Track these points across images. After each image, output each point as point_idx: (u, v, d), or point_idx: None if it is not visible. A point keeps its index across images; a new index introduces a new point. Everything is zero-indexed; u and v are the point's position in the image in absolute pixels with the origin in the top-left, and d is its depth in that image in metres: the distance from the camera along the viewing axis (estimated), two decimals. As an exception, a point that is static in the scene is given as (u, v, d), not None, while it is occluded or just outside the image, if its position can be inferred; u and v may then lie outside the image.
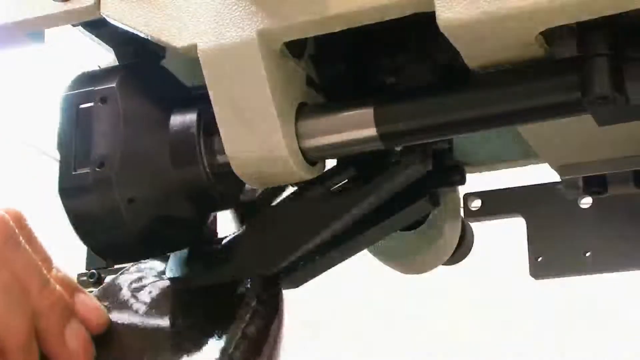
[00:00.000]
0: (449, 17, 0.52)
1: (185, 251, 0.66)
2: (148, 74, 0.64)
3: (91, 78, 0.63)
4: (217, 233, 0.69)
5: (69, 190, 0.61)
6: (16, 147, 2.53)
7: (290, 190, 0.67)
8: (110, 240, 0.62)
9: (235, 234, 0.66)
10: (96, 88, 0.62)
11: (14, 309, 0.57)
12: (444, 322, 2.32)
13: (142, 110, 0.62)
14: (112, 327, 0.62)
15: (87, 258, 1.07)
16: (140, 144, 0.61)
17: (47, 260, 0.60)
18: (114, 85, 0.61)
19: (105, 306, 0.63)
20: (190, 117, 0.61)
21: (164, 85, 0.64)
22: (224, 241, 0.66)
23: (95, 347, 0.61)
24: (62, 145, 0.62)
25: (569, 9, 0.51)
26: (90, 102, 0.61)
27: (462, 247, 0.87)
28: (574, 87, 0.54)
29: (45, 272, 0.59)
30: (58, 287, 0.60)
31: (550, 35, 0.55)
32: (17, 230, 0.58)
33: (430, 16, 0.53)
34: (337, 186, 0.65)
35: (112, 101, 0.61)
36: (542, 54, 0.56)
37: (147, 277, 0.66)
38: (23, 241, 0.58)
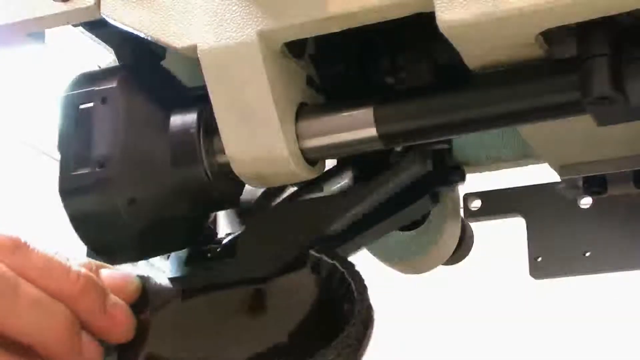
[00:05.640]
0: (449, 18, 0.52)
1: (185, 251, 0.66)
2: (148, 74, 0.64)
3: (91, 78, 0.63)
4: (217, 233, 0.69)
5: (69, 191, 0.61)
6: (16, 147, 2.53)
7: (290, 190, 0.67)
8: (111, 241, 0.62)
9: (236, 234, 0.66)
10: (96, 88, 0.62)
11: (50, 319, 0.56)
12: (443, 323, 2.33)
13: (143, 111, 0.62)
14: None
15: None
16: (140, 144, 0.61)
17: (58, 254, 0.60)
18: (114, 85, 0.61)
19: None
20: (191, 117, 0.61)
21: (164, 85, 0.64)
22: (224, 241, 0.66)
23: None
24: (63, 146, 0.62)
25: (568, 9, 0.51)
26: (91, 102, 0.61)
27: (462, 247, 0.87)
28: (573, 87, 0.54)
29: (62, 260, 0.58)
30: (82, 268, 0.59)
31: (550, 35, 0.55)
32: (19, 236, 0.57)
33: (431, 16, 0.53)
34: (337, 187, 0.65)
35: (112, 101, 0.61)
36: (542, 54, 0.56)
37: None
38: (29, 242, 0.58)
